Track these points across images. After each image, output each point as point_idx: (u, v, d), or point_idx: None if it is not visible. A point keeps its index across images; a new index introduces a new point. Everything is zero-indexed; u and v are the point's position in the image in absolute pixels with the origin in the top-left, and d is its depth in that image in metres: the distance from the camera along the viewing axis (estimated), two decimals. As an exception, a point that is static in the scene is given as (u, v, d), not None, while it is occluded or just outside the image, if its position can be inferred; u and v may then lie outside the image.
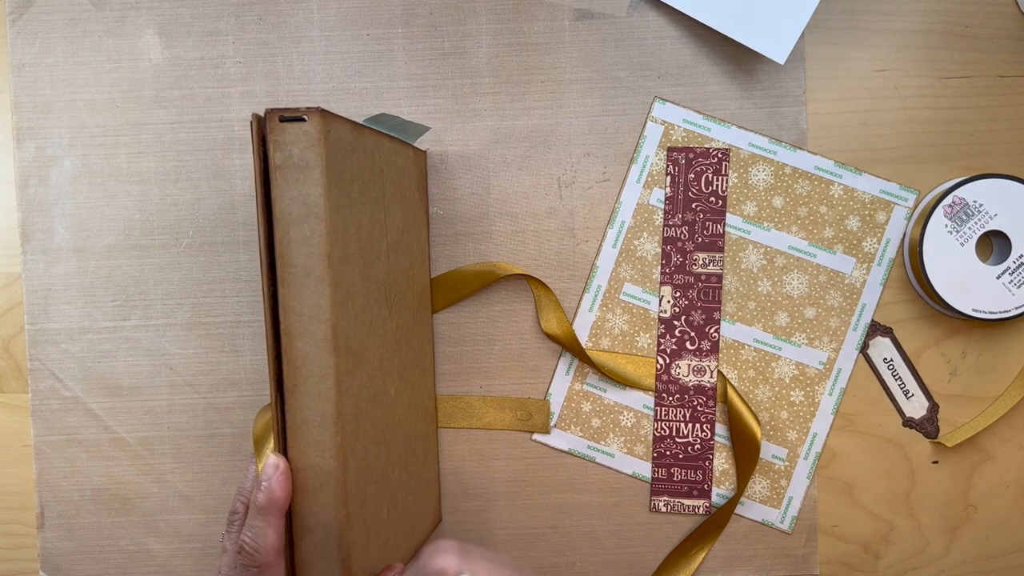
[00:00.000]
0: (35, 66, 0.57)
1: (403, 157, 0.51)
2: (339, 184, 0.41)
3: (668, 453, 0.58)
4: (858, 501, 0.58)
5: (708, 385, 0.57)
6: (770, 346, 0.57)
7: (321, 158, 0.39)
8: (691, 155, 0.57)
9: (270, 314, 0.40)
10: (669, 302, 0.57)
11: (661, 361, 0.57)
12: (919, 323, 0.57)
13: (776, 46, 0.54)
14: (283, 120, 0.39)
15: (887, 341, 0.57)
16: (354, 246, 0.42)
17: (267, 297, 0.40)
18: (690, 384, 0.57)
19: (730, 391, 0.57)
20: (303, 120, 0.39)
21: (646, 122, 0.57)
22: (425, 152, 0.57)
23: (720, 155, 0.57)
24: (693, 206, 0.57)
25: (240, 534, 0.42)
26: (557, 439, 0.58)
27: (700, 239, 0.57)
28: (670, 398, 0.57)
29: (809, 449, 0.57)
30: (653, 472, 0.58)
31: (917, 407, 0.58)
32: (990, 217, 0.54)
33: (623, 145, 0.57)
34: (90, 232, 0.57)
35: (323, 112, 0.39)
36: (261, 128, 0.40)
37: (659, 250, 0.57)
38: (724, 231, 0.57)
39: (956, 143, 0.57)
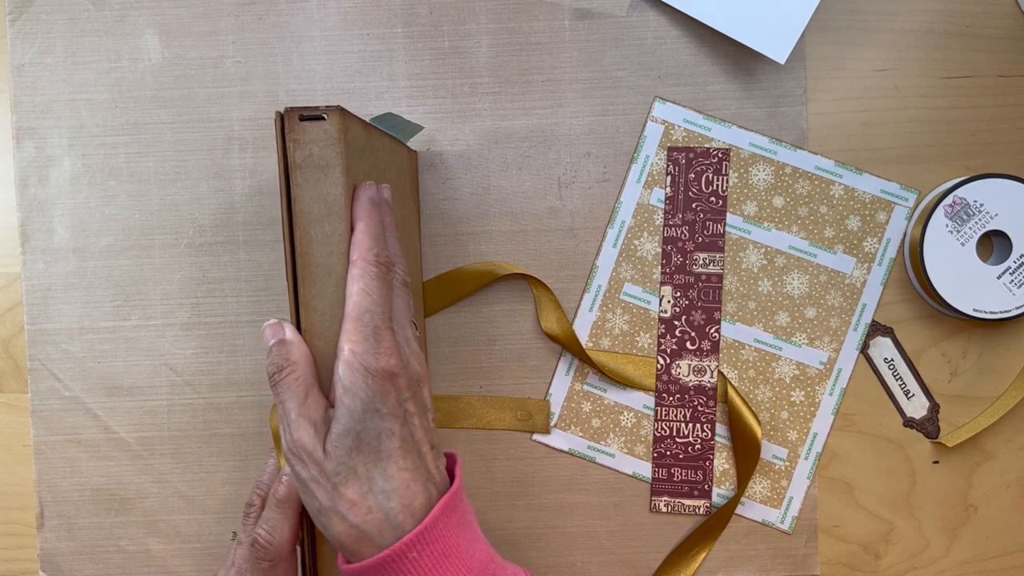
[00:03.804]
0: (35, 66, 0.57)
1: (400, 157, 0.51)
2: (355, 183, 0.41)
3: (668, 453, 0.58)
4: (858, 501, 0.58)
5: (708, 385, 0.57)
6: (770, 346, 0.57)
7: (341, 157, 0.39)
8: (691, 155, 0.57)
9: (294, 314, 0.40)
10: (669, 302, 0.57)
11: (661, 361, 0.57)
12: (919, 323, 0.57)
13: (776, 46, 0.54)
14: (303, 119, 0.39)
15: (888, 341, 0.57)
16: None
17: (292, 296, 0.40)
18: (690, 384, 0.57)
19: (730, 391, 0.57)
20: (323, 119, 0.39)
21: (646, 122, 0.57)
22: (416, 153, 0.57)
23: (720, 155, 0.57)
24: (693, 206, 0.57)
25: (256, 527, 0.42)
26: (557, 439, 0.58)
27: (700, 239, 0.57)
28: (670, 398, 0.57)
29: (809, 449, 0.57)
30: (653, 472, 0.58)
31: (918, 407, 0.58)
32: (990, 217, 0.54)
33: (623, 145, 0.57)
34: (90, 232, 0.57)
35: (342, 111, 0.39)
36: (284, 126, 0.39)
37: (659, 250, 0.57)
38: (724, 231, 0.57)
39: (956, 143, 0.57)
